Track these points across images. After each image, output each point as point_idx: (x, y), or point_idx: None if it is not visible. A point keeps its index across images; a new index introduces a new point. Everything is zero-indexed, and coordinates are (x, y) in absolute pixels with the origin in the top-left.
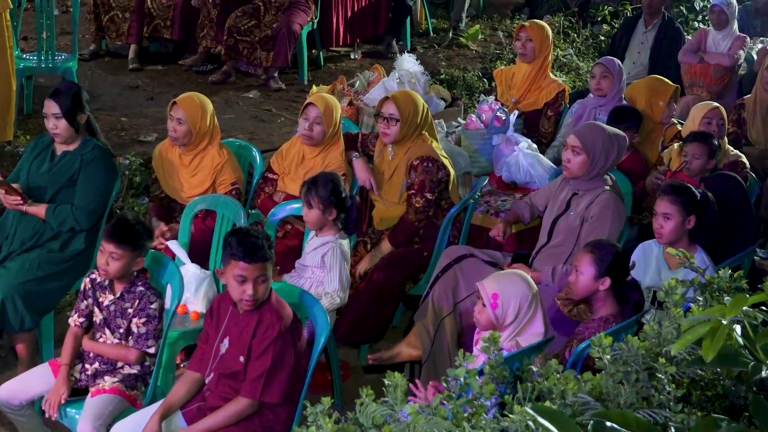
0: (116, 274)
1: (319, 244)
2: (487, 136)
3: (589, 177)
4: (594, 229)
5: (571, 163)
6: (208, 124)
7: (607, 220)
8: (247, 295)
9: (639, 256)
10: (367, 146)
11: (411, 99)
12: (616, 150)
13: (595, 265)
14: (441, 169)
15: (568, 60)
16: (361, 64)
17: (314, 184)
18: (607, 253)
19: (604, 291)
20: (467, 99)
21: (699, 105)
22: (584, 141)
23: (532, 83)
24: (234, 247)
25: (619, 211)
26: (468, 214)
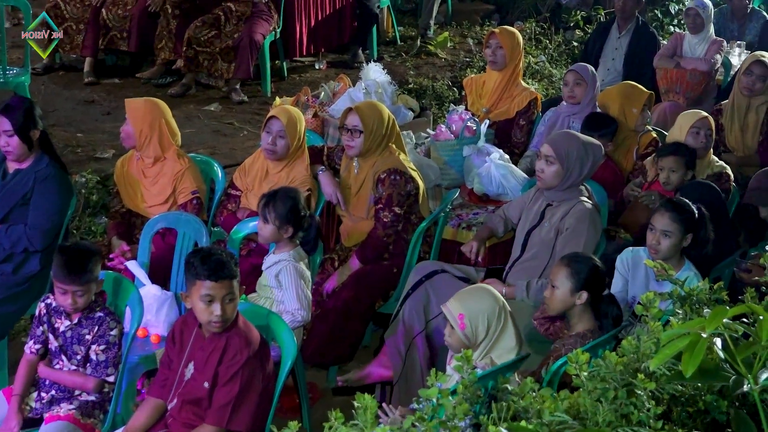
0: (86, 305)
1: (272, 263)
2: (458, 147)
3: (563, 187)
4: (569, 241)
5: (545, 173)
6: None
7: (582, 232)
8: (215, 315)
9: (627, 263)
10: (333, 160)
11: (375, 109)
12: (591, 159)
13: (571, 279)
14: (409, 181)
15: (541, 67)
16: (326, 75)
17: (273, 198)
18: (583, 267)
19: (580, 306)
20: (436, 109)
21: (687, 113)
22: (558, 150)
23: (503, 92)
24: (198, 267)
25: (595, 222)
26: (439, 228)
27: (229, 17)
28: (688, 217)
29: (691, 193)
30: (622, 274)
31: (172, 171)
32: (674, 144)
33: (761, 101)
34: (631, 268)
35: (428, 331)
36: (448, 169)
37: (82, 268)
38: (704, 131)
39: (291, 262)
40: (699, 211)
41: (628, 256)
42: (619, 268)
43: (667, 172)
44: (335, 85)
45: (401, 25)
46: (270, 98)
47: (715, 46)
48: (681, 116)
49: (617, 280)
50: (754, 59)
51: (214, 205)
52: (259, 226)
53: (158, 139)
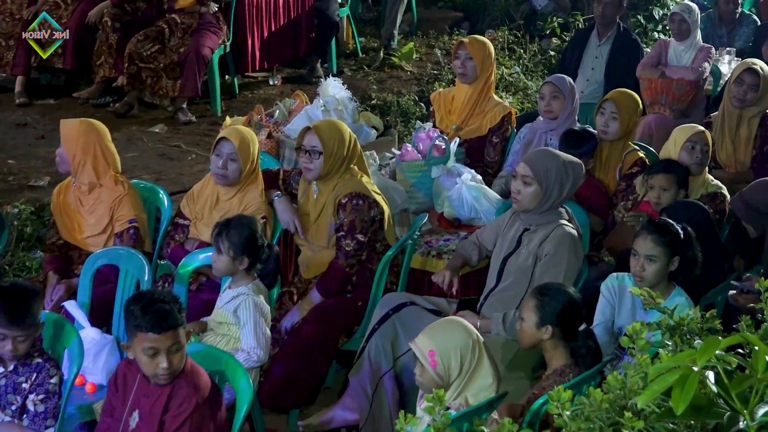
0: (26, 351)
1: (230, 297)
2: (426, 167)
3: (541, 210)
4: (549, 269)
5: (522, 195)
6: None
7: (563, 259)
8: (161, 368)
9: (613, 290)
10: (290, 184)
11: (335, 128)
12: (572, 179)
13: (536, 312)
14: (373, 206)
15: (515, 79)
16: (281, 91)
17: (227, 227)
18: (551, 300)
19: (549, 341)
20: (402, 126)
21: (683, 127)
22: (536, 169)
23: (474, 107)
24: (138, 318)
25: (576, 248)
26: (407, 256)
27: (174, 30)
28: (672, 238)
29: (677, 213)
30: (609, 302)
31: (109, 198)
32: (665, 161)
33: (754, 113)
34: (617, 295)
35: (397, 369)
36: (416, 192)
37: (25, 311)
38: (700, 146)
39: (251, 296)
40: (684, 231)
41: (614, 282)
42: (605, 295)
43: (657, 191)
44: (291, 102)
45: (362, 36)
46: (220, 118)
47: (702, 54)
48: (676, 130)
49: (604, 308)
50: (745, 67)
51: (160, 236)
52: (213, 257)
53: (93, 163)
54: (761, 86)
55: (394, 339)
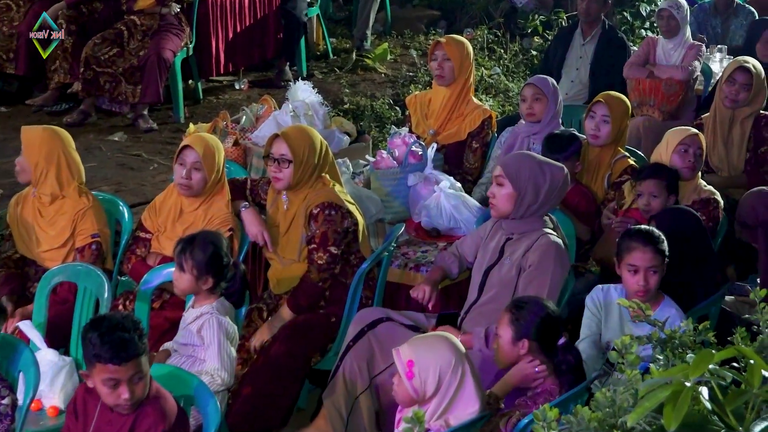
0: None
1: (194, 317)
2: (402, 175)
3: (520, 215)
4: (533, 280)
5: (496, 198)
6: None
7: (547, 270)
8: (123, 399)
9: (598, 302)
10: (258, 194)
11: (305, 135)
12: (549, 181)
13: (511, 326)
14: (346, 217)
15: (495, 80)
16: (247, 96)
17: (190, 244)
18: (527, 313)
19: (526, 356)
20: (376, 132)
21: (676, 129)
22: (508, 170)
23: (452, 110)
24: (97, 347)
25: (561, 258)
26: (382, 269)
27: (133, 32)
28: (664, 245)
29: (667, 220)
30: (595, 315)
31: (72, 210)
32: (654, 165)
33: (747, 113)
34: (603, 308)
35: (373, 389)
36: (392, 201)
37: None
38: (693, 149)
39: (215, 315)
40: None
41: (599, 295)
42: (590, 308)
43: (647, 197)
44: (258, 107)
45: (333, 37)
46: (183, 125)
47: (692, 52)
48: (669, 132)
49: (590, 322)
50: (737, 65)
51: (120, 251)
52: (175, 275)
53: (56, 173)
54: (754, 85)
55: (370, 357)
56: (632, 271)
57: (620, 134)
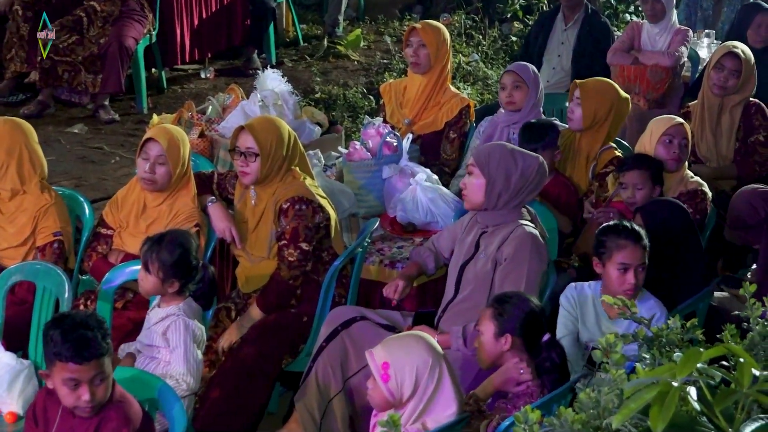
0: None
1: (159, 318)
2: (376, 167)
3: (493, 206)
4: (509, 273)
5: (468, 189)
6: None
7: (524, 261)
8: (83, 401)
9: (573, 301)
10: (225, 188)
11: (272, 127)
12: (520, 169)
13: (494, 320)
14: (318, 211)
15: (473, 68)
16: (214, 85)
17: (158, 244)
18: (510, 307)
19: (510, 353)
20: (349, 122)
21: (660, 118)
22: (478, 158)
23: (428, 99)
24: (58, 345)
25: (538, 248)
26: (356, 266)
27: (94, 19)
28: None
29: (653, 212)
30: (571, 313)
31: (33, 207)
32: (637, 156)
33: (736, 101)
34: (578, 306)
35: (347, 391)
36: (365, 195)
37: None
38: (678, 140)
39: (182, 317)
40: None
41: (573, 293)
42: (565, 306)
43: (631, 189)
44: (225, 97)
45: (304, 23)
46: (146, 116)
47: (679, 37)
48: (653, 121)
49: (566, 321)
50: (726, 51)
51: (81, 249)
52: (141, 276)
53: (17, 168)
54: (743, 71)
55: (344, 358)
56: (622, 269)
57: (598, 120)
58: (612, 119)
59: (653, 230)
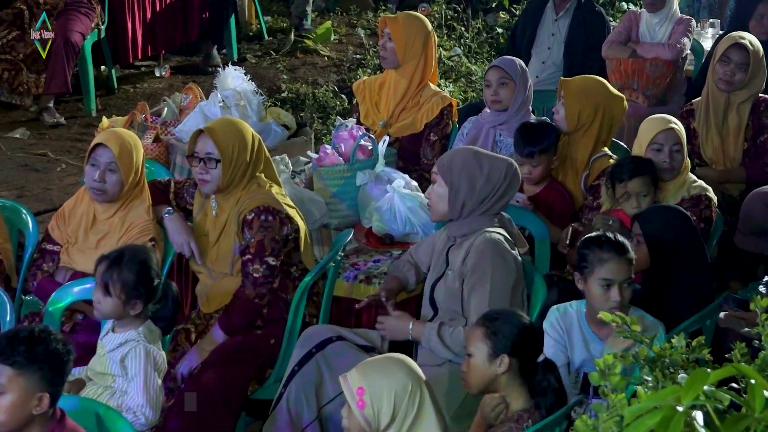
0: None
1: (116, 344)
2: (349, 173)
3: (458, 215)
4: (474, 286)
5: (431, 198)
6: None
7: (486, 268)
8: None
9: (556, 326)
10: (183, 198)
11: (234, 130)
12: (486, 175)
13: (487, 340)
14: (285, 222)
15: (455, 63)
16: (170, 84)
17: (117, 263)
18: (502, 324)
19: (506, 376)
20: (319, 124)
21: (650, 120)
22: (441, 165)
23: (406, 98)
24: None
25: (502, 255)
26: (328, 282)
27: (36, 13)
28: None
29: (653, 221)
30: (558, 341)
31: None
32: (634, 162)
33: (743, 97)
34: (565, 331)
35: (322, 419)
36: (338, 204)
37: None
38: (668, 147)
39: (142, 343)
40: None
41: (556, 315)
42: (551, 335)
43: (636, 198)
44: (182, 97)
45: (269, 15)
46: (95, 119)
47: (681, 27)
48: (642, 125)
49: (555, 351)
50: (732, 42)
51: (24, 266)
52: (97, 298)
53: None
54: (751, 64)
55: (318, 383)
56: (605, 285)
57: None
58: (600, 121)
59: (653, 240)
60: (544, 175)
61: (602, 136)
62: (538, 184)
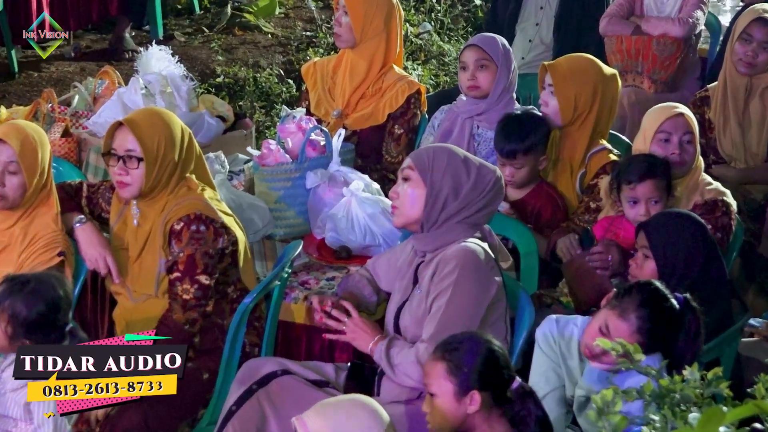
0: None
1: (19, 384)
2: (298, 174)
3: (431, 223)
4: (441, 307)
5: (400, 198)
6: None
7: (450, 283)
8: None
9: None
10: (98, 204)
11: (160, 122)
12: (473, 180)
13: (451, 377)
14: (221, 233)
15: (425, 41)
16: (81, 68)
17: (18, 289)
18: (464, 354)
19: (480, 415)
20: (262, 115)
21: (655, 109)
22: (420, 160)
23: (365, 83)
24: None
25: (476, 267)
26: (273, 305)
27: None
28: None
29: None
30: (551, 358)
31: None
32: (646, 161)
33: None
34: (559, 347)
35: None
36: (284, 211)
37: None
38: (678, 136)
39: None
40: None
41: (553, 329)
42: (543, 347)
43: (645, 205)
44: (97, 83)
45: None
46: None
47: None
48: (648, 114)
49: (545, 370)
50: (754, 17)
51: None
52: None
53: None
54: None
55: (261, 424)
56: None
57: (581, 112)
58: (599, 107)
59: (661, 253)
60: (531, 177)
61: (601, 125)
62: (524, 188)
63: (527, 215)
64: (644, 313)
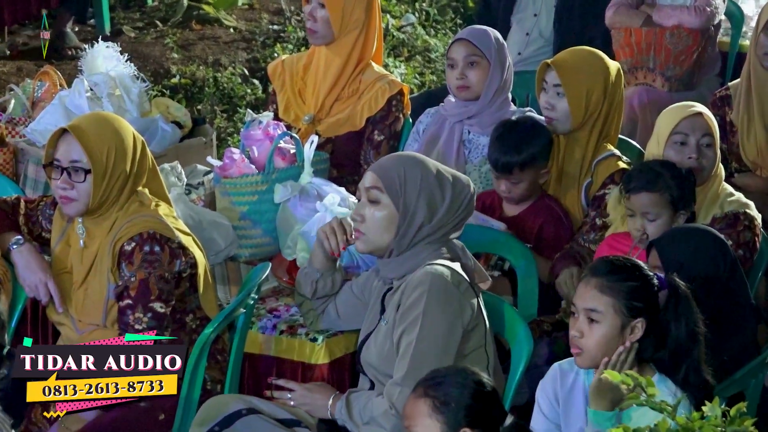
0: None
1: None
2: (265, 187)
3: (402, 249)
4: (411, 344)
5: (366, 223)
6: None
7: (417, 316)
8: None
9: (554, 389)
10: (37, 222)
11: (109, 129)
12: (449, 199)
13: (437, 415)
14: (178, 255)
15: (408, 35)
16: (18, 67)
17: None
18: (454, 388)
19: None
20: (224, 120)
21: (671, 109)
22: (388, 177)
23: (340, 84)
24: None
25: (442, 293)
26: (237, 335)
27: None
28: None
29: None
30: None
31: None
32: (649, 169)
33: None
34: (561, 394)
35: None
36: (250, 229)
37: None
38: (696, 138)
39: None
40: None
41: (555, 375)
42: (541, 404)
43: (639, 219)
44: (36, 85)
45: None
46: None
47: None
48: (662, 114)
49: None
50: None
51: None
52: None
53: None
54: None
55: None
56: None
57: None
58: (609, 106)
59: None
60: (530, 192)
61: (610, 127)
62: (522, 203)
63: (526, 233)
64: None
